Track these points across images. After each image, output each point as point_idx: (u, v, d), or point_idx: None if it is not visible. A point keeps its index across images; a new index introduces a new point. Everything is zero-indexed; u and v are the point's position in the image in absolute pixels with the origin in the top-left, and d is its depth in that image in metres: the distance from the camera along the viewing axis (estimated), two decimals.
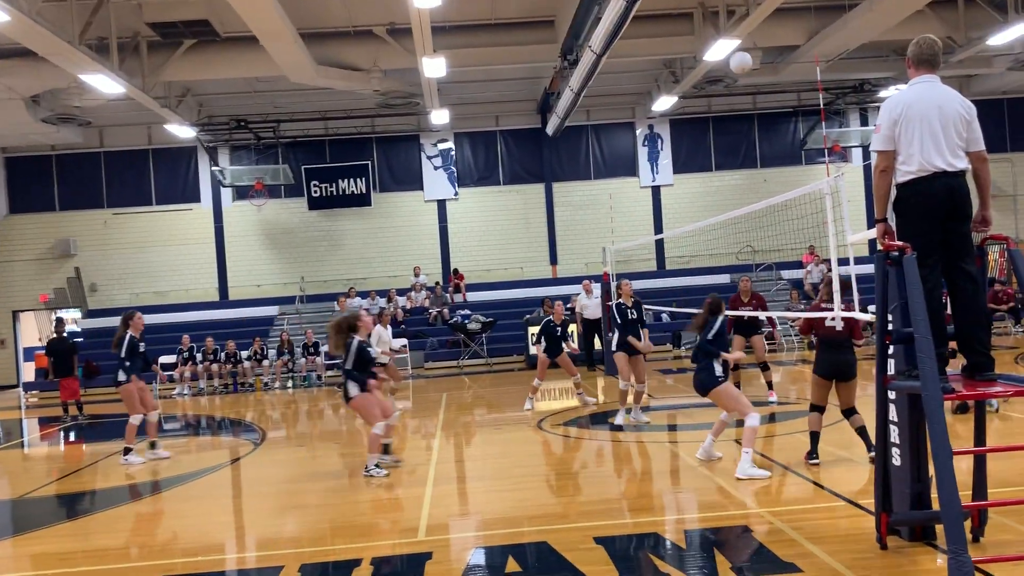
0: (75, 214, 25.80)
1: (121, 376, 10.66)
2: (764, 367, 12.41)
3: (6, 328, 25.73)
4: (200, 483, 9.58)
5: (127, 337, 10.69)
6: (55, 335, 17.16)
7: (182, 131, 22.58)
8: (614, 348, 11.26)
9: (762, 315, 12.54)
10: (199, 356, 20.73)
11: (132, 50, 18.17)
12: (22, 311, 26.13)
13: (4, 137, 23.28)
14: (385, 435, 9.22)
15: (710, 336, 8.38)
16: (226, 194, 25.98)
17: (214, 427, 14.79)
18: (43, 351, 20.53)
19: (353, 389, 8.93)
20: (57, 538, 7.52)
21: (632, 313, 11.21)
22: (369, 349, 9.19)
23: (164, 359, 21.32)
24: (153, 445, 10.93)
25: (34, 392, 22.76)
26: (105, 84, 17.13)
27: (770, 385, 12.41)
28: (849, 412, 8.17)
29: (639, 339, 11.17)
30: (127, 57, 17.87)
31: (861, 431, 8.08)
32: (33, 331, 26.89)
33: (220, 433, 14.22)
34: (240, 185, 25.37)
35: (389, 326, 14.95)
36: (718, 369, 8.30)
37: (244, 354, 21.24)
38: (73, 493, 9.54)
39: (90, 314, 25.11)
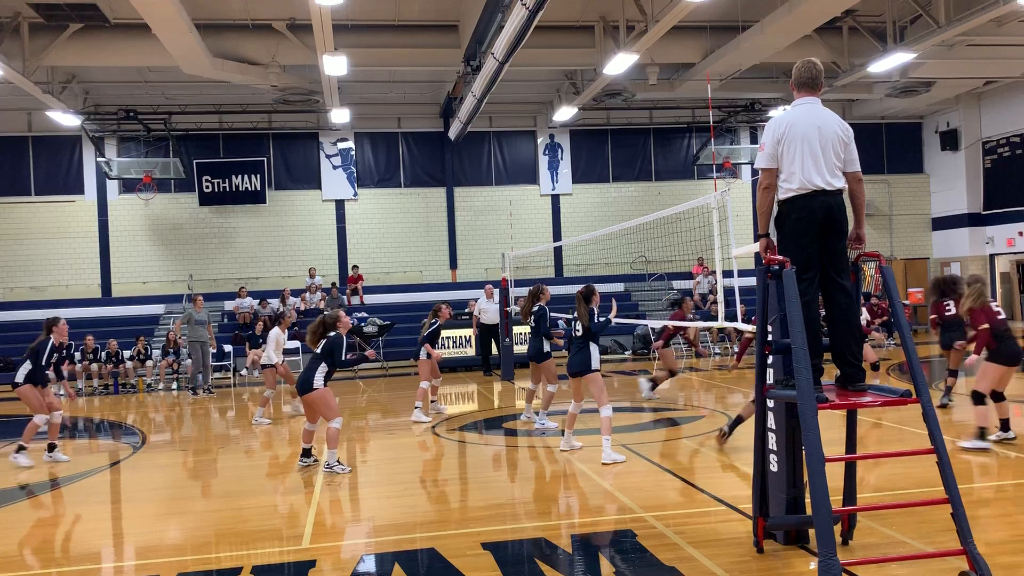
0: None
1: (19, 377, 10.32)
2: (672, 373, 13.80)
3: None
4: (76, 487, 9.12)
5: (48, 343, 10.45)
6: None
7: (66, 119, 21.51)
8: (548, 351, 11.47)
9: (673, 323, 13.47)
10: (78, 355, 19.74)
11: (12, 31, 17.23)
12: None
13: None
14: (307, 440, 9.52)
15: (595, 321, 9.20)
16: (112, 187, 24.88)
17: (92, 429, 14.11)
18: None
19: (319, 380, 9.08)
20: None
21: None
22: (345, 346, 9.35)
23: None
24: (52, 448, 10.52)
25: None
26: None
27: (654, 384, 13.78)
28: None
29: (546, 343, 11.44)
30: (6, 38, 16.95)
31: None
32: None
33: (99, 436, 13.57)
34: (127, 178, 24.31)
35: (287, 330, 14.60)
36: (595, 361, 9.14)
37: (127, 354, 20.37)
38: None
39: None
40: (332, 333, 9.42)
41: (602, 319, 9.26)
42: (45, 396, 10.49)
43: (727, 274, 7.78)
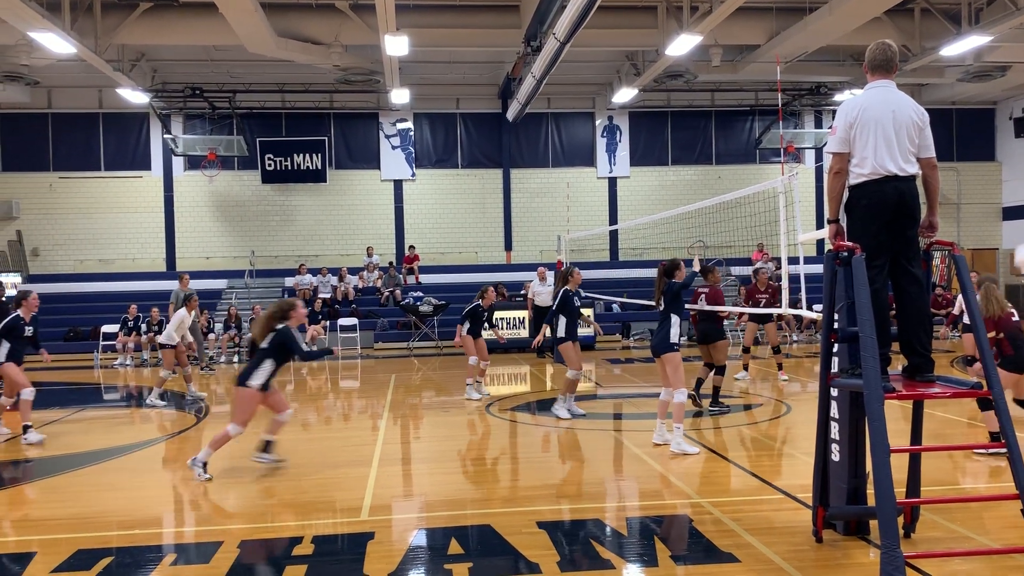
0: (19, 176, 25.05)
1: (0, 357, 9.89)
2: (776, 350, 14.24)
3: None
4: (139, 455, 9.42)
5: (11, 316, 9.93)
6: None
7: (135, 96, 22.02)
8: (562, 335, 10.91)
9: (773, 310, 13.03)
10: (143, 327, 20.32)
11: (85, 9, 17.66)
12: None
13: None
14: (273, 432, 8.58)
15: (670, 297, 8.71)
16: (178, 163, 25.45)
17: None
18: None
19: (257, 379, 8.06)
20: None
21: (578, 300, 11.23)
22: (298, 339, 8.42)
23: (107, 328, 20.92)
24: (25, 429, 10.10)
25: None
26: (55, 43, 16.61)
27: (780, 366, 14.22)
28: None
29: (576, 330, 11.09)
30: (80, 16, 17.35)
31: None
32: None
33: (164, 406, 13.95)
34: (192, 155, 24.82)
35: (194, 311, 13.96)
36: (674, 335, 8.59)
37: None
38: (7, 461, 9.30)
39: (31, 279, 24.40)
40: (280, 326, 8.22)
41: (689, 271, 8.83)
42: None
43: (792, 260, 7.64)
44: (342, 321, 22.14)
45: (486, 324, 13.14)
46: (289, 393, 14.98)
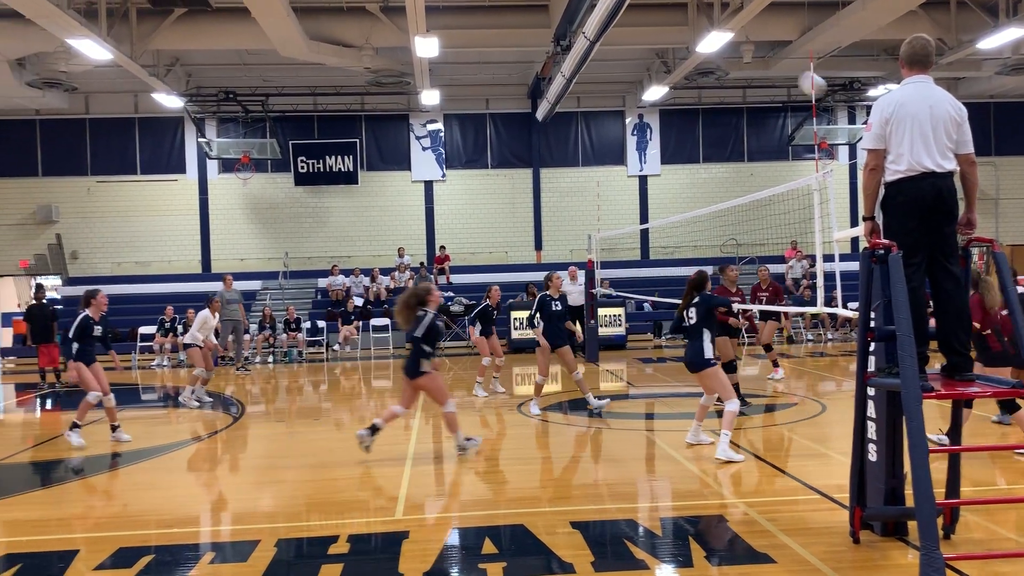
0: (58, 180, 25.53)
1: (73, 353, 9.89)
2: (767, 348, 13.92)
3: None
4: (177, 455, 9.56)
5: (80, 316, 9.98)
6: (35, 301, 17.00)
7: (169, 101, 22.35)
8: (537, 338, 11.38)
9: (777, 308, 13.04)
10: (180, 328, 20.60)
11: (121, 16, 17.94)
12: (1, 276, 25.85)
13: None
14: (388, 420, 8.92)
15: (704, 311, 8.53)
16: (212, 166, 25.78)
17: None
18: (22, 317, 20.34)
19: (426, 364, 8.62)
20: (31, 505, 7.49)
21: (557, 305, 11.35)
22: (439, 323, 8.91)
23: (144, 329, 21.25)
24: (115, 428, 10.15)
25: (11, 358, 22.60)
26: (93, 50, 16.92)
27: (775, 363, 13.92)
28: None
29: (563, 332, 11.33)
30: (116, 23, 17.64)
31: None
32: (12, 297, 26.63)
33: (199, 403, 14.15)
34: (226, 158, 25.18)
35: (217, 313, 13.89)
36: (708, 351, 8.44)
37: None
38: (48, 460, 9.49)
39: (70, 281, 24.89)
40: (421, 312, 8.77)
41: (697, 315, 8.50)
42: (96, 375, 10.05)
43: (827, 258, 7.56)
44: (374, 321, 22.30)
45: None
46: (323, 393, 15.14)
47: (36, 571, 5.66)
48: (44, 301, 17.27)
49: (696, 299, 8.59)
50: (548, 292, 11.38)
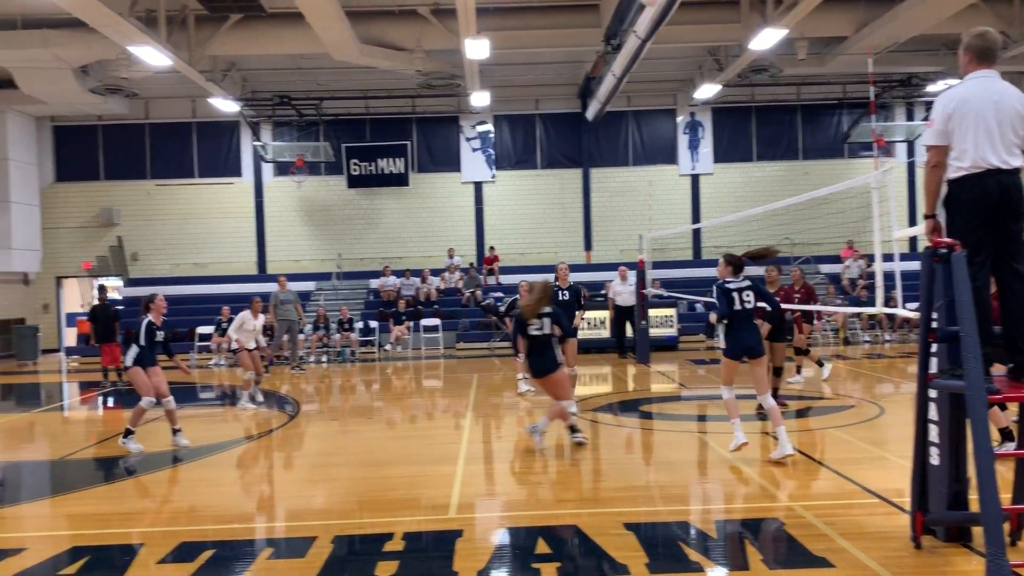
0: (119, 184, 26.24)
1: (128, 361, 9.95)
2: (801, 352, 13.32)
3: (50, 294, 26.29)
4: (234, 452, 9.76)
5: (144, 322, 9.90)
6: (98, 302, 17.48)
7: (226, 105, 22.82)
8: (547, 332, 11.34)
9: (814, 307, 12.76)
10: (225, 326, 20.96)
11: (180, 23, 18.38)
12: (66, 277, 26.66)
13: (53, 106, 23.67)
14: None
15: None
16: (267, 169, 26.25)
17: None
18: (85, 317, 20.96)
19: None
20: (94, 500, 7.71)
21: (564, 295, 11.38)
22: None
23: (202, 330, 21.72)
24: (176, 432, 10.02)
25: (75, 357, 23.29)
26: (152, 56, 17.37)
27: (799, 369, 13.54)
28: None
29: (571, 323, 11.15)
30: (175, 30, 18.07)
31: None
32: (76, 297, 27.49)
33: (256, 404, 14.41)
34: (281, 161, 25.63)
35: (261, 315, 13.68)
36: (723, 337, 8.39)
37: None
38: (111, 457, 9.75)
39: (131, 283, 25.57)
40: (547, 308, 8.96)
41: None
42: (153, 378, 9.92)
43: (887, 258, 7.40)
44: (425, 322, 22.48)
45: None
46: (375, 392, 15.30)
47: (102, 564, 5.82)
48: (107, 302, 17.75)
49: (747, 282, 8.28)
50: (556, 282, 11.52)
